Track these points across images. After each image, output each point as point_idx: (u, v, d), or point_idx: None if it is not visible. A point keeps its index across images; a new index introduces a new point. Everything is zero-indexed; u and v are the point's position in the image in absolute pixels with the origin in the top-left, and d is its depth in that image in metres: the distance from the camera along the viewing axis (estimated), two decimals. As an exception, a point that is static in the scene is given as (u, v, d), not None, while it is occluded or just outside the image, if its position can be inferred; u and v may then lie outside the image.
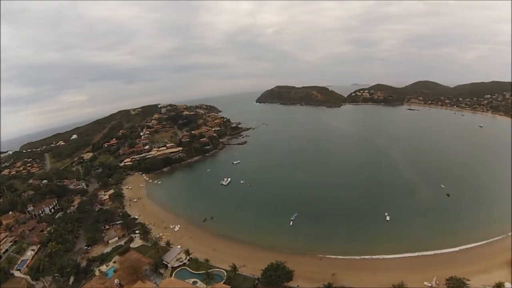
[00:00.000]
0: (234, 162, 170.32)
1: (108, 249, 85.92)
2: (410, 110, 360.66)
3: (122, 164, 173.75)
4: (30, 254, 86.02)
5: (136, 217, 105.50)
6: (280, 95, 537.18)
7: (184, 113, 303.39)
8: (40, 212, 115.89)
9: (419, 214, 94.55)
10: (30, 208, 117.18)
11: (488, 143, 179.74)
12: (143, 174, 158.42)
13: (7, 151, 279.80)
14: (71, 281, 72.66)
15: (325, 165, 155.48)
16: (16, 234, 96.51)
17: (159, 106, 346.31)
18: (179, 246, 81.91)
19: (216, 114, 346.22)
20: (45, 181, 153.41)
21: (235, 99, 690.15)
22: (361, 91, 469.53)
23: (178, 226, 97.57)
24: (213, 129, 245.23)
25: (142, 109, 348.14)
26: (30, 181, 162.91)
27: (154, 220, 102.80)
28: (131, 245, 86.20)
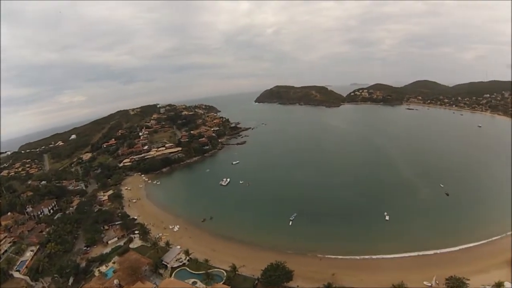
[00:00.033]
0: (233, 162, 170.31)
1: (107, 249, 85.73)
2: (409, 109, 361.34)
3: (121, 164, 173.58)
4: (29, 255, 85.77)
5: (135, 217, 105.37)
6: (279, 95, 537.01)
7: (183, 113, 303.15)
8: (39, 213, 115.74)
9: (419, 214, 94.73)
10: (29, 209, 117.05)
11: (486, 143, 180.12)
12: (142, 175, 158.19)
13: (6, 152, 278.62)
14: (71, 281, 72.42)
15: (324, 164, 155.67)
16: (15, 235, 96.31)
17: (158, 106, 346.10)
18: (179, 247, 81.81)
19: (215, 114, 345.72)
20: (44, 182, 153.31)
21: (234, 99, 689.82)
22: (360, 91, 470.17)
23: (178, 226, 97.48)
24: (212, 129, 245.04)
25: (141, 109, 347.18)
26: (29, 182, 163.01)
27: (154, 220, 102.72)
28: (131, 245, 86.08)
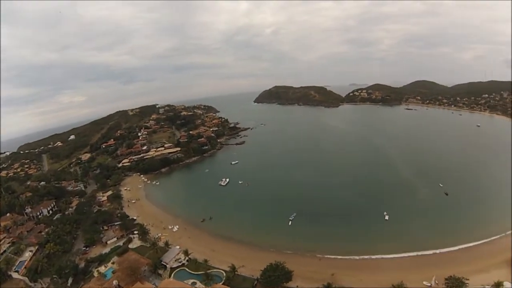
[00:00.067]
0: (232, 162, 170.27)
1: (106, 250, 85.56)
2: (408, 109, 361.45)
3: (120, 165, 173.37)
4: (28, 255, 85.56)
5: (134, 218, 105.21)
6: (278, 95, 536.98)
7: (182, 113, 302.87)
8: (38, 213, 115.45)
9: (418, 214, 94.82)
10: (28, 209, 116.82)
11: (485, 142, 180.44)
12: (141, 175, 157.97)
13: (5, 152, 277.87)
14: (70, 282, 72.26)
15: (323, 165, 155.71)
16: (14, 236, 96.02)
17: (157, 106, 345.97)
18: (178, 247, 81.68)
19: (214, 114, 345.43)
20: (43, 182, 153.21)
21: (233, 99, 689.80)
22: (359, 91, 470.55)
23: (177, 226, 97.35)
24: (211, 129, 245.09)
25: (140, 109, 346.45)
26: (28, 182, 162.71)
27: (153, 220, 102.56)
28: (130, 245, 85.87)
